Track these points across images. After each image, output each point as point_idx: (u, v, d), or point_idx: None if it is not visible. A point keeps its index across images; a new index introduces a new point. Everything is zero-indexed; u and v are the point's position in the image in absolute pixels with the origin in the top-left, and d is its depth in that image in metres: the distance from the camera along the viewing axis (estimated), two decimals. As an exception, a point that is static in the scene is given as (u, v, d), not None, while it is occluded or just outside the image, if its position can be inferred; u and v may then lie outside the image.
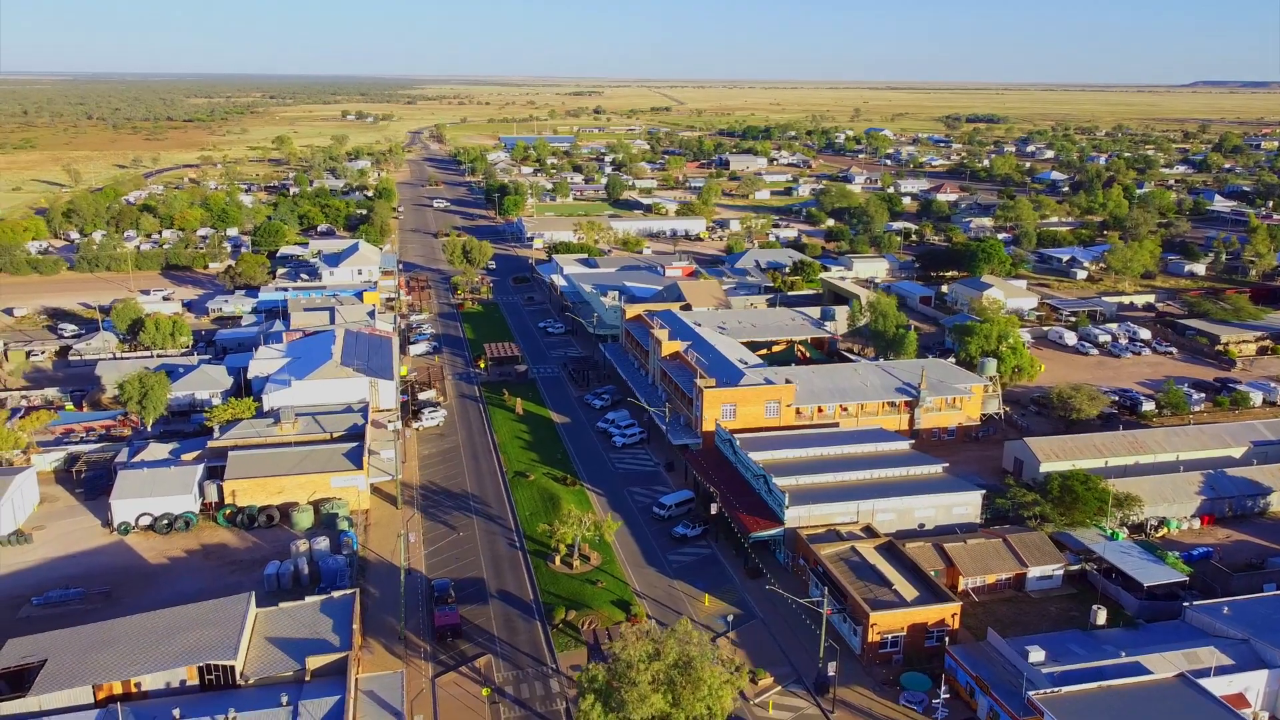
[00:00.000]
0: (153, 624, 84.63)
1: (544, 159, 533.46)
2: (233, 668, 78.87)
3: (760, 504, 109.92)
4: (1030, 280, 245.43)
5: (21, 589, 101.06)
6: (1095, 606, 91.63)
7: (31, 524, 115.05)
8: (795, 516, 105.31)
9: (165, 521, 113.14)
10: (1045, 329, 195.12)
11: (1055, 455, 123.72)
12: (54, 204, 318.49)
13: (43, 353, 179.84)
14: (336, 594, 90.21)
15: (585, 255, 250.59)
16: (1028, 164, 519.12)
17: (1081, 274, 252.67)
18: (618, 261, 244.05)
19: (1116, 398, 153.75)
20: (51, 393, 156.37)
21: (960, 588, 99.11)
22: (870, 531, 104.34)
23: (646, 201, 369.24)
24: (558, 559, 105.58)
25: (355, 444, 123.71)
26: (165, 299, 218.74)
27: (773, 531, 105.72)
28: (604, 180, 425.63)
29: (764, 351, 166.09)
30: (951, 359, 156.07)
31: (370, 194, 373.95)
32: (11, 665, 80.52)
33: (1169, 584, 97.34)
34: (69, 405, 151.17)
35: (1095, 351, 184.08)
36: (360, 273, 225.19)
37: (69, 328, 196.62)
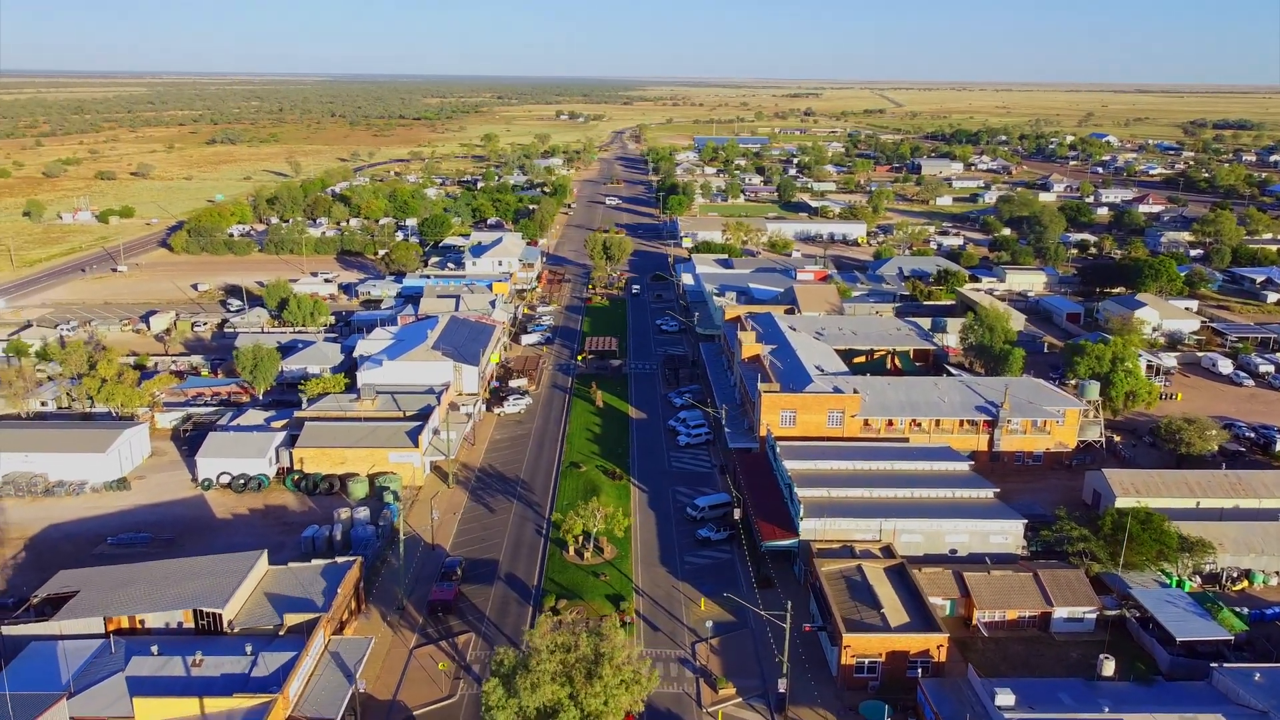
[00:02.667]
0: (172, 570, 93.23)
1: (731, 160, 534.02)
2: (220, 615, 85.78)
3: (784, 513, 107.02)
4: (1209, 301, 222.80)
5: (105, 529, 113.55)
6: (1102, 656, 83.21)
7: (136, 474, 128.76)
8: (811, 529, 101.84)
9: (241, 481, 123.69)
10: (1199, 355, 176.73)
11: (1135, 490, 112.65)
12: (259, 192, 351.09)
13: (205, 324, 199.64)
14: (340, 560, 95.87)
15: (725, 255, 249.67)
16: (1263, 175, 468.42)
17: (1275, 297, 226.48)
18: (755, 263, 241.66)
19: (1251, 434, 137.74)
20: (197, 359, 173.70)
21: (974, 620, 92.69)
22: (888, 552, 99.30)
23: (815, 204, 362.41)
24: (571, 549, 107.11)
25: (418, 423, 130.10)
26: (326, 281, 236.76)
27: (787, 542, 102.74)
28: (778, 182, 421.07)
29: (861, 359, 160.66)
30: (1056, 380, 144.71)
31: (547, 190, 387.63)
32: (51, 593, 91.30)
33: (1213, 641, 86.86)
34: (205, 371, 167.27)
35: (1251, 382, 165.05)
36: (500, 264, 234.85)
37: (235, 303, 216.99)
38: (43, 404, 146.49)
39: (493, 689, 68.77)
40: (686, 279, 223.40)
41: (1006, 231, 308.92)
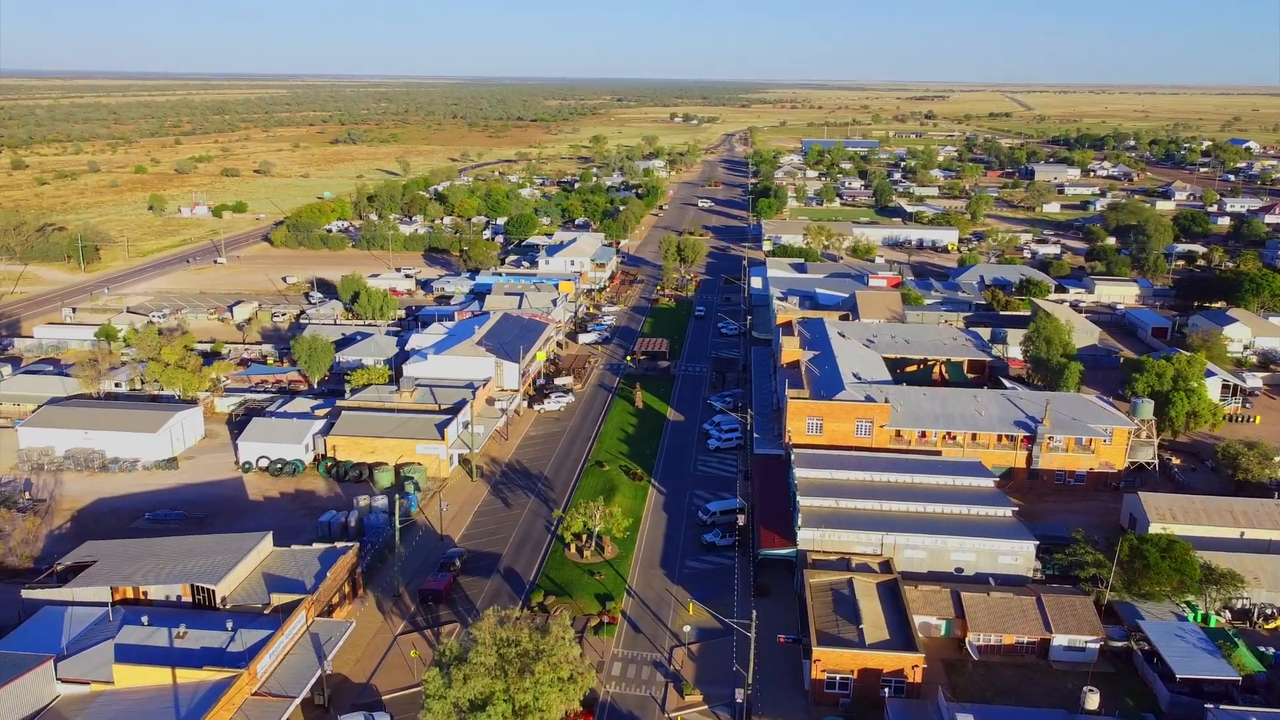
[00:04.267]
0: (183, 546, 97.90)
1: (835, 163, 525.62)
2: (214, 591, 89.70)
3: (788, 522, 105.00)
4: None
5: (147, 505, 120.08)
6: (1087, 688, 78.67)
7: (187, 454, 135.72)
8: (809, 539, 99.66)
9: (278, 465, 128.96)
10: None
11: (1171, 516, 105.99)
12: (360, 190, 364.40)
13: (284, 315, 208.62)
14: (339, 545, 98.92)
15: (801, 260, 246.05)
16: None
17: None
18: (830, 268, 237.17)
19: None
20: (267, 348, 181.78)
21: (972, 641, 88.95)
22: (887, 567, 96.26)
23: (910, 209, 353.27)
24: (573, 547, 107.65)
25: (448, 417, 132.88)
26: (406, 276, 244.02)
27: (784, 551, 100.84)
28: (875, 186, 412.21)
29: (913, 368, 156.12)
30: (1098, 395, 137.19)
31: (641, 192, 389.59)
32: (73, 562, 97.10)
33: (1221, 681, 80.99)
34: (271, 360, 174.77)
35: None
36: (572, 263, 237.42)
37: (316, 295, 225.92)
38: (116, 385, 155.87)
39: (432, 678, 69.88)
40: (755, 282, 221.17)
41: (1110, 241, 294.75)
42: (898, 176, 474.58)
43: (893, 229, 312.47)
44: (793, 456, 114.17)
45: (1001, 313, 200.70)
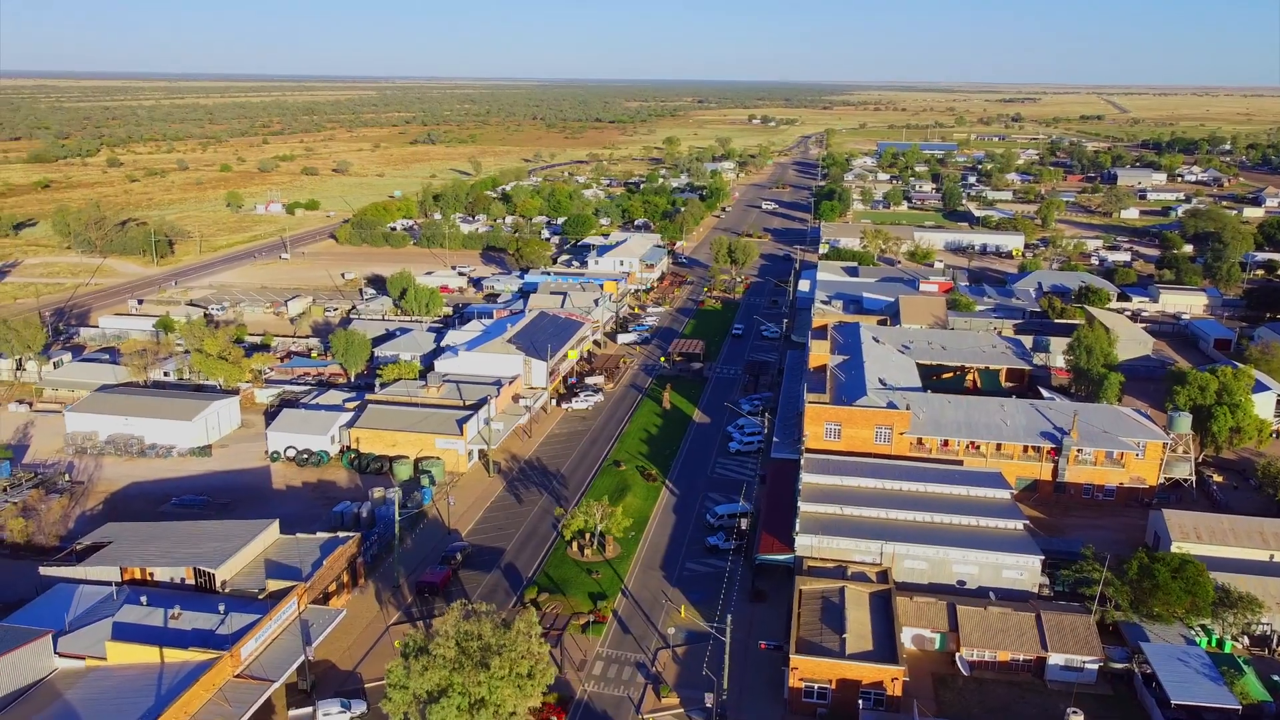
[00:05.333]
0: (193, 531, 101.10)
1: (910, 166, 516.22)
2: (214, 575, 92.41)
3: (790, 527, 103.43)
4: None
5: (176, 490, 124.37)
6: (1070, 710, 75.75)
7: (221, 443, 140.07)
8: (806, 545, 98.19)
9: (304, 456, 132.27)
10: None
11: (1195, 536, 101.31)
12: (426, 189, 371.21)
13: (336, 310, 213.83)
14: (341, 535, 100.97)
15: (854, 263, 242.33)
16: None
17: None
18: (881, 273, 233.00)
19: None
20: (314, 342, 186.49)
21: (964, 655, 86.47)
22: (883, 577, 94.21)
23: (979, 214, 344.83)
24: (575, 545, 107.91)
25: (468, 413, 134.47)
26: (460, 274, 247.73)
27: (781, 556, 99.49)
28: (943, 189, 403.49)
29: (950, 375, 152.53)
30: (1137, 408, 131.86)
31: (705, 194, 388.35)
32: (92, 542, 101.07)
33: (1218, 709, 77.16)
34: (316, 354, 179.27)
35: None
36: (621, 264, 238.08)
37: (370, 291, 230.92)
38: (164, 375, 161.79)
39: (395, 668, 70.88)
40: (803, 285, 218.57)
41: (1187, 248, 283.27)
42: (972, 180, 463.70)
43: (957, 233, 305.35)
44: (802, 461, 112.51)
45: (1057, 321, 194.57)
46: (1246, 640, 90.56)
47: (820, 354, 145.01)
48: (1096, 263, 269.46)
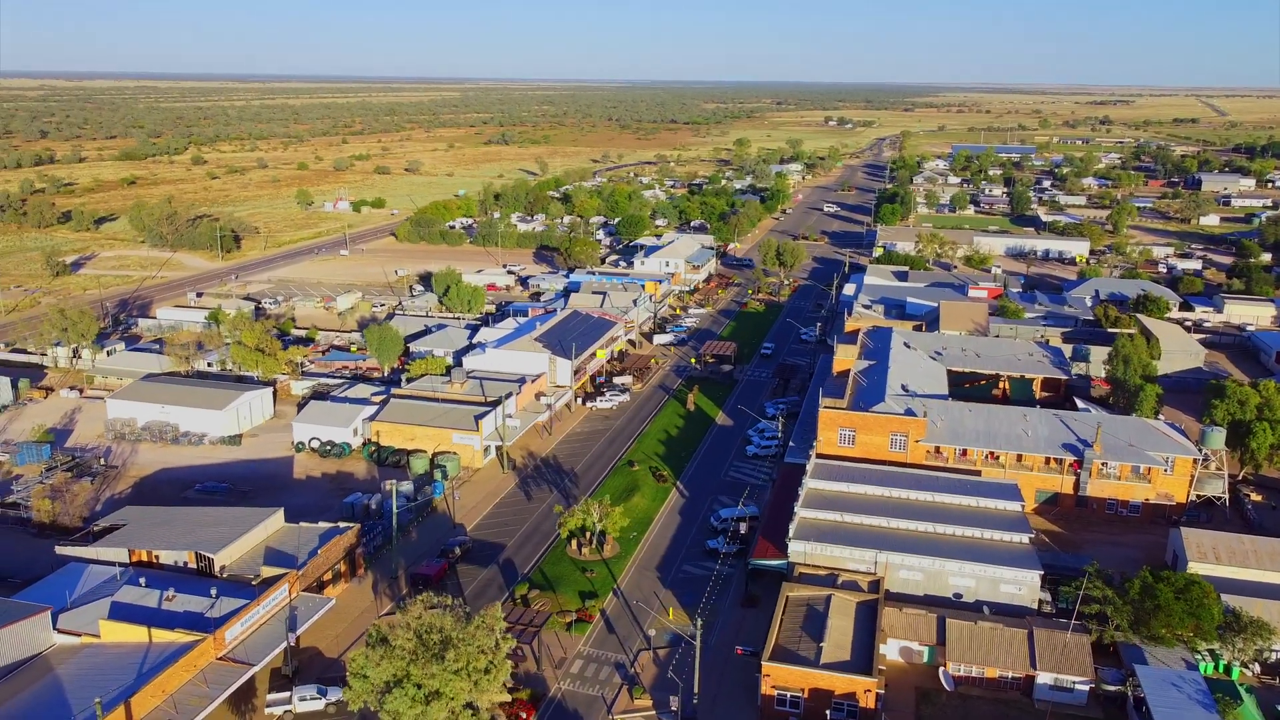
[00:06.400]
0: (201, 516, 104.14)
1: (984, 169, 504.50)
2: (213, 560, 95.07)
3: (787, 533, 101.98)
4: None
5: (202, 476, 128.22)
6: (1046, 731, 73.05)
7: (252, 432, 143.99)
8: (799, 551, 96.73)
9: (327, 447, 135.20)
10: None
11: (1213, 556, 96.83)
12: (486, 189, 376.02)
13: (383, 305, 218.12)
14: (341, 525, 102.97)
15: (904, 268, 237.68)
16: None
17: None
18: (931, 277, 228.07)
19: None
20: (356, 336, 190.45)
21: (950, 670, 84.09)
22: (874, 586, 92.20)
23: (1047, 219, 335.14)
24: (574, 543, 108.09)
25: (486, 409, 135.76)
26: (509, 272, 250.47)
27: (775, 562, 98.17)
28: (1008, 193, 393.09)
29: (981, 383, 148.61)
30: (1172, 421, 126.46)
31: (766, 195, 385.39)
32: (109, 524, 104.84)
33: (1210, 739, 73.61)
34: (355, 348, 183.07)
35: None
36: (667, 264, 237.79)
37: (418, 288, 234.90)
38: (208, 365, 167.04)
39: (357, 656, 71.96)
40: (849, 289, 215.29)
41: (1265, 257, 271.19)
42: (1046, 185, 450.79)
43: (1020, 239, 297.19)
44: (808, 467, 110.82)
45: (1109, 330, 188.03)
46: (1258, 668, 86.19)
47: (845, 358, 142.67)
48: (1164, 270, 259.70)
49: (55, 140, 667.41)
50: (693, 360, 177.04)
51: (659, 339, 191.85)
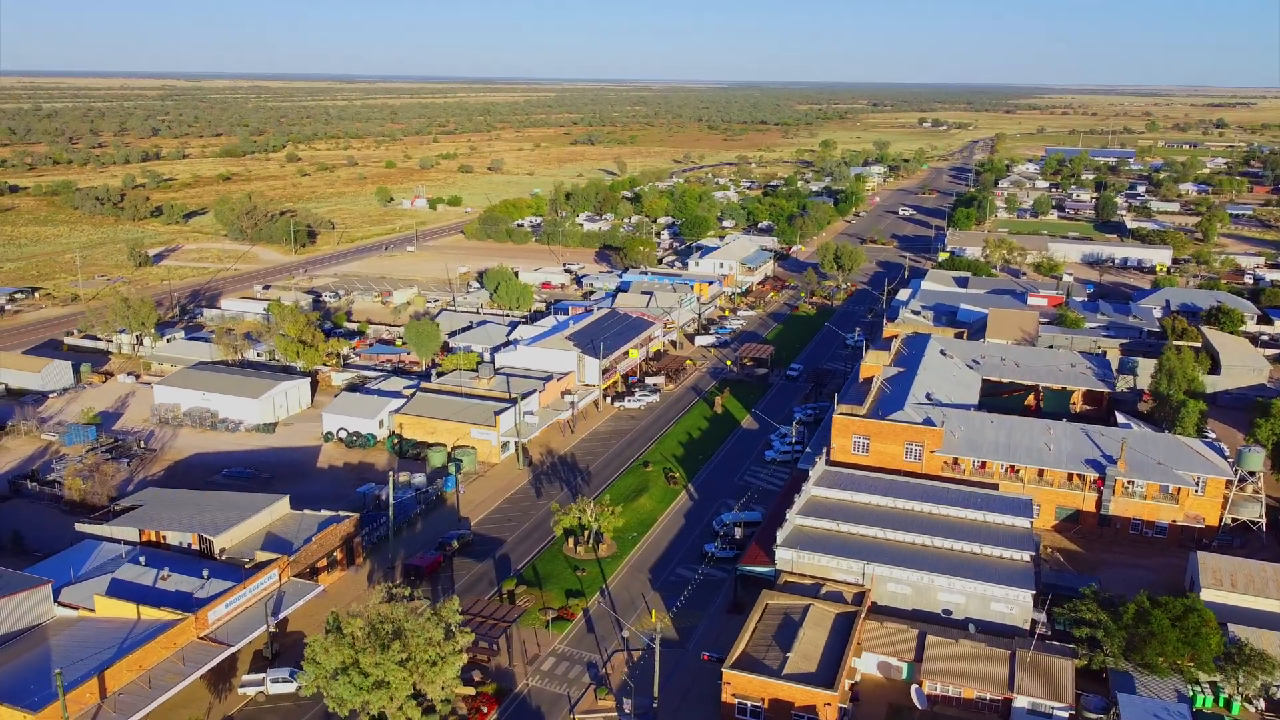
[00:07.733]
0: (212, 500, 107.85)
1: (1076, 173, 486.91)
2: (213, 542, 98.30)
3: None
4: None
5: (232, 462, 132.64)
6: (1006, 756, 69.98)
7: (287, 421, 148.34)
8: (787, 559, 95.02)
9: (353, 438, 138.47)
10: None
11: (1228, 583, 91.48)
12: (556, 188, 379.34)
13: (437, 301, 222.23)
14: (341, 513, 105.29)
15: (966, 273, 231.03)
16: None
17: None
18: (994, 283, 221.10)
19: None
20: (399, 330, 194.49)
21: (924, 688, 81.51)
22: (858, 599, 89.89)
23: (1131, 226, 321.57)
24: (571, 541, 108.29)
25: (507, 405, 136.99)
26: (567, 271, 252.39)
27: (762, 569, 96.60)
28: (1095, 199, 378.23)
29: (1015, 393, 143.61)
30: (1200, 440, 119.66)
31: (840, 197, 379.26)
32: (129, 504, 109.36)
33: (1187, 776, 69.61)
34: (399, 342, 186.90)
35: None
36: (721, 265, 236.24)
37: (475, 285, 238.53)
38: (257, 355, 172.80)
39: (314, 642, 73.50)
40: (904, 294, 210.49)
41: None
42: (1140, 190, 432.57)
43: (1099, 245, 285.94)
44: (812, 473, 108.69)
45: (1176, 343, 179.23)
46: (1262, 704, 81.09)
47: (873, 364, 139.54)
48: (1250, 281, 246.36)
49: (165, 138, 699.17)
50: (728, 363, 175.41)
51: (701, 340, 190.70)
